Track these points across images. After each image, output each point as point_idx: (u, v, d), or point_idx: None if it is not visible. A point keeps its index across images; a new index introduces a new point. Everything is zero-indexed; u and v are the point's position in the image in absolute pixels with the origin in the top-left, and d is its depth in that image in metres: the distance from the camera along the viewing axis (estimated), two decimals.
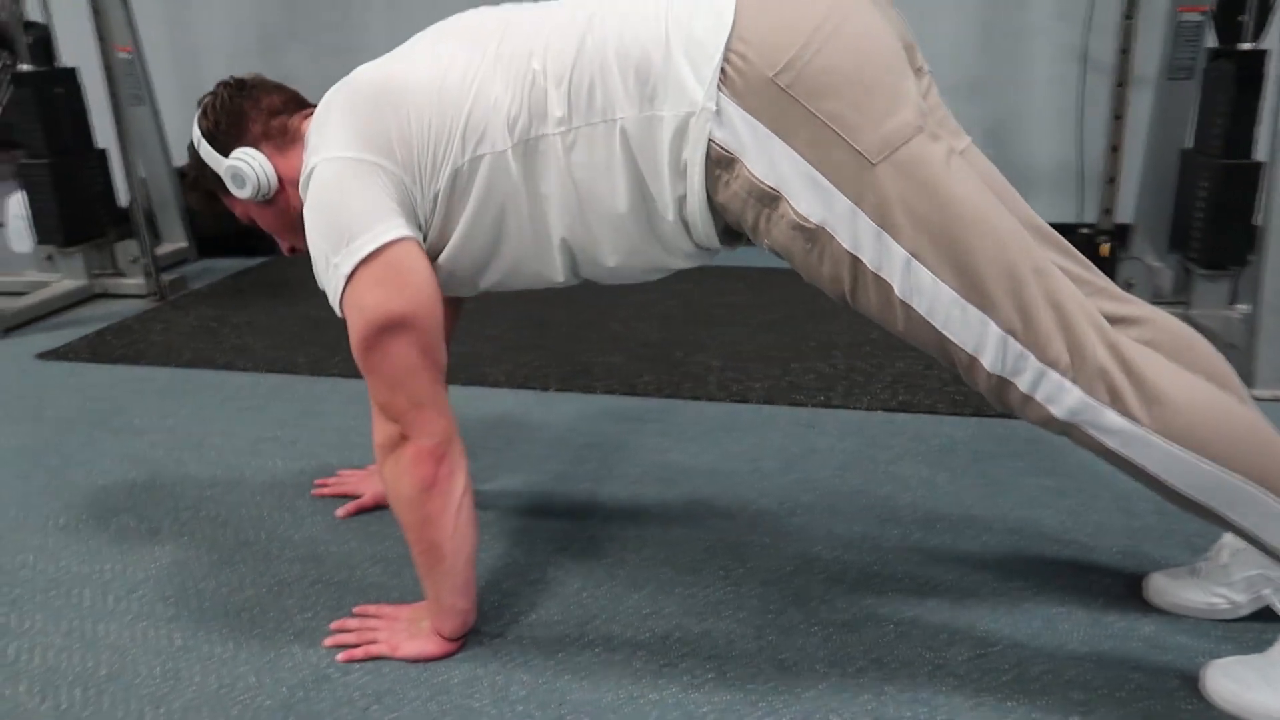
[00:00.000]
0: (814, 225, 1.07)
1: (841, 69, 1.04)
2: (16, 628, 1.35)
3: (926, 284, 1.06)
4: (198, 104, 1.35)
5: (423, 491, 1.19)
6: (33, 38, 2.82)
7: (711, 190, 1.11)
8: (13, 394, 2.23)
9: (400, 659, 1.26)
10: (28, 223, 3.05)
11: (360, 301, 1.15)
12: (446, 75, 1.17)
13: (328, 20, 3.71)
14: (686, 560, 1.47)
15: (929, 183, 1.05)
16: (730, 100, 1.06)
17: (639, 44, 1.09)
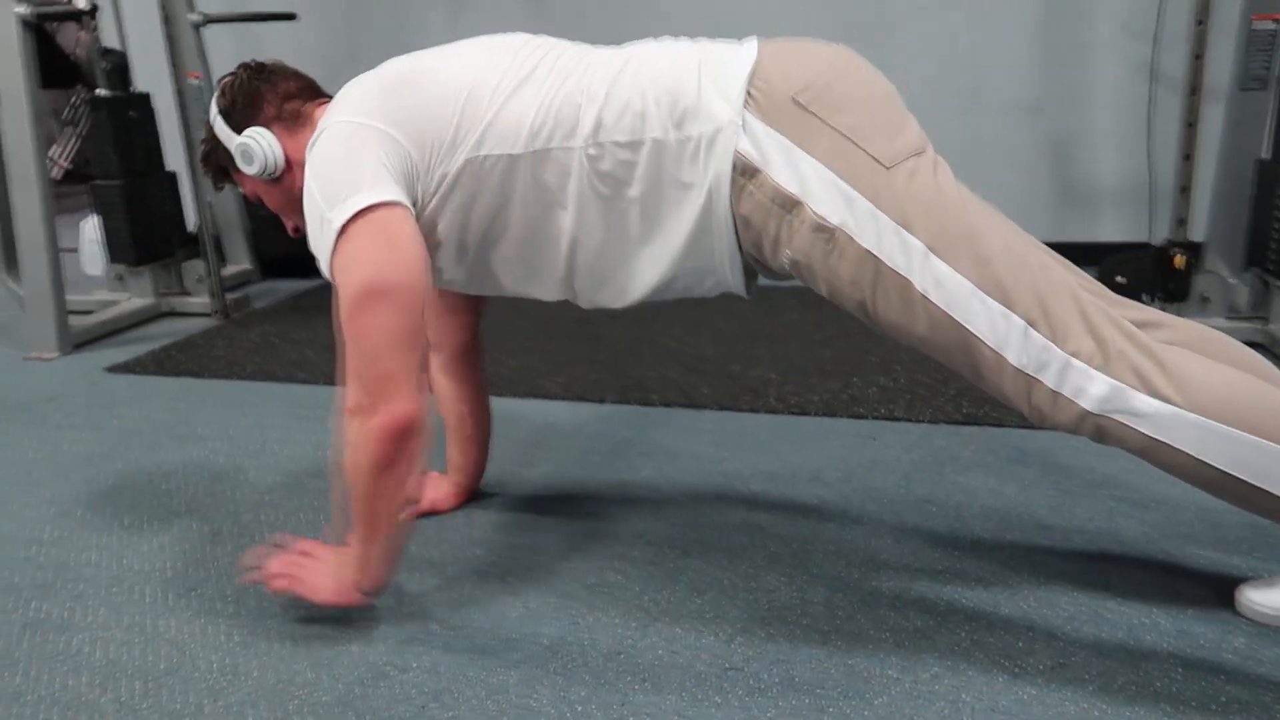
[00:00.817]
0: (834, 225, 1.12)
1: (854, 94, 1.16)
2: (80, 622, 1.36)
3: (946, 276, 1.09)
4: (217, 83, 1.39)
5: (381, 467, 1.18)
6: (110, 64, 2.92)
7: (735, 202, 1.16)
8: (82, 404, 2.27)
9: (314, 602, 1.30)
10: (100, 246, 3.14)
11: (351, 262, 1.14)
12: (480, 77, 1.22)
13: (388, 47, 3.78)
14: (749, 566, 1.43)
15: (940, 186, 1.13)
16: (754, 117, 1.14)
17: (674, 76, 1.18)
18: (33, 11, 2.55)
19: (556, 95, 1.20)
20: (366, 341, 1.15)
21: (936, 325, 1.12)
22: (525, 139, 1.19)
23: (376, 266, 1.14)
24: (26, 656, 1.28)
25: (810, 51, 1.20)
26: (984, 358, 1.11)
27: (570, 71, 1.21)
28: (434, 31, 3.73)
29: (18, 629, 1.34)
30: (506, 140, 1.20)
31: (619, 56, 1.23)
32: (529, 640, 1.27)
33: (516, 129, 1.19)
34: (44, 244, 2.67)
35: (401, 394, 1.16)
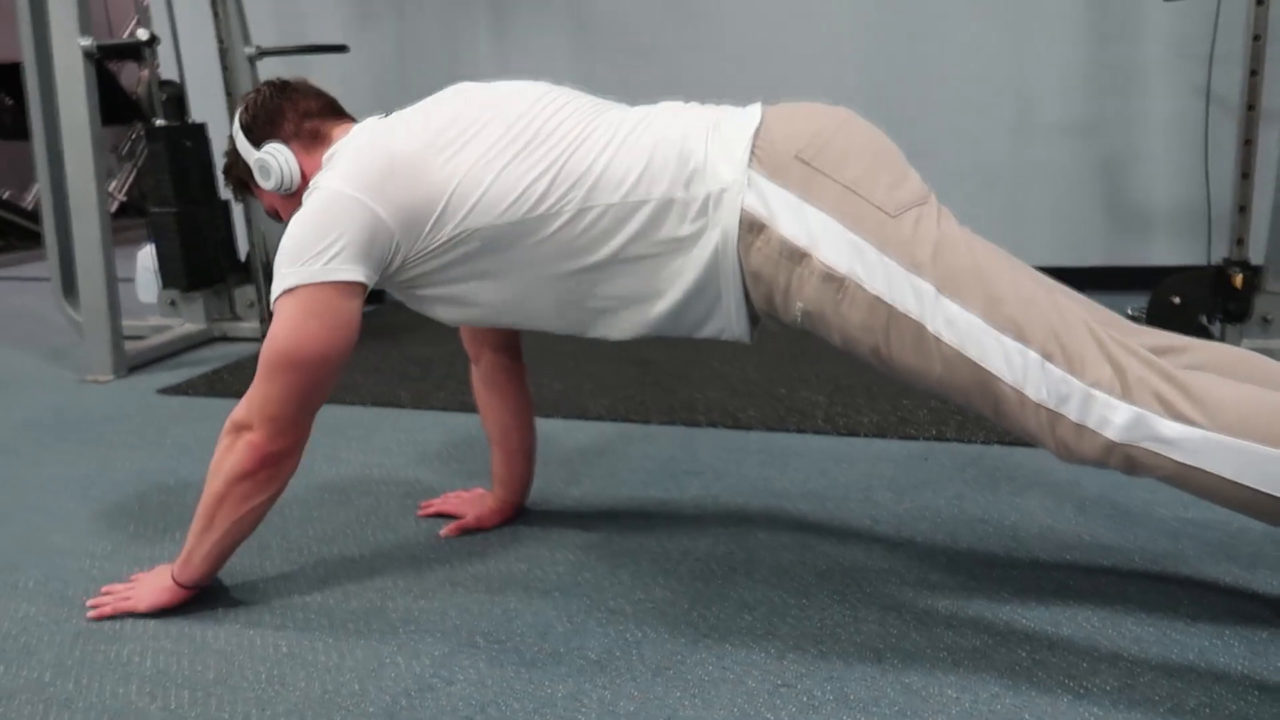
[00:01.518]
0: (843, 273, 1.13)
1: (856, 148, 1.19)
2: (130, 632, 1.37)
3: (957, 315, 1.10)
4: (241, 98, 1.42)
5: (236, 476, 1.29)
6: (167, 95, 3.00)
7: (744, 258, 1.18)
8: (135, 424, 2.31)
9: (141, 611, 1.39)
10: (154, 275, 3.22)
11: (282, 321, 1.24)
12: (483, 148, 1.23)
13: (437, 76, 3.85)
14: (799, 584, 1.40)
15: (945, 230, 1.14)
16: (760, 174, 1.17)
17: (682, 139, 1.21)
18: (96, 45, 2.64)
19: (557, 161, 1.21)
20: (273, 390, 1.26)
21: (952, 366, 1.11)
22: (520, 207, 1.21)
23: (301, 337, 1.24)
24: (78, 665, 1.29)
25: (812, 112, 1.23)
26: (1003, 395, 1.10)
27: (577, 136, 1.23)
28: (482, 63, 3.79)
29: (70, 638, 1.35)
30: (498, 208, 1.22)
31: (628, 120, 1.25)
32: (575, 654, 1.25)
33: (508, 195, 1.21)
34: (102, 272, 2.73)
35: (284, 433, 1.28)
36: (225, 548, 1.37)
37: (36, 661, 1.30)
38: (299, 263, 1.23)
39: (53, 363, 2.94)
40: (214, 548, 1.36)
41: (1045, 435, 1.10)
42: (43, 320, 3.51)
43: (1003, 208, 3.33)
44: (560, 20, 3.67)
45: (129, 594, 1.43)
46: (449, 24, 3.80)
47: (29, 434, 2.26)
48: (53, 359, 2.98)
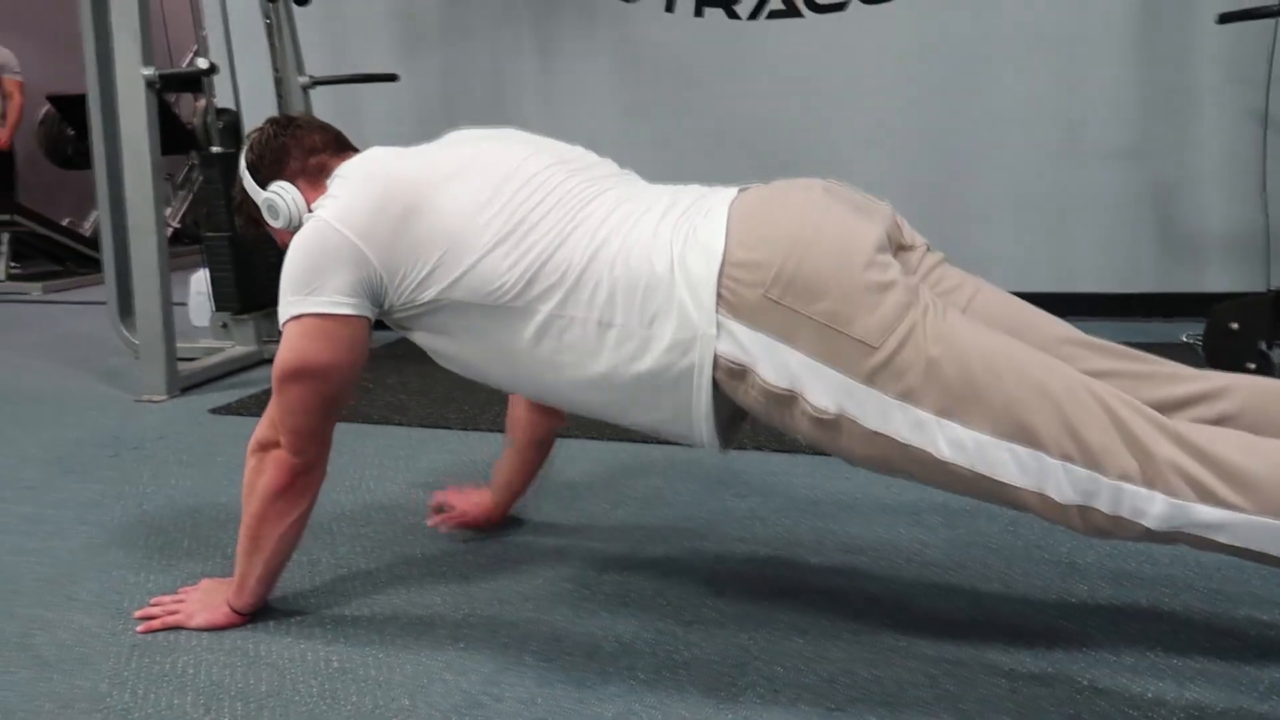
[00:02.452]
0: (833, 415, 1.10)
1: (824, 271, 1.10)
2: (184, 644, 1.38)
3: (963, 437, 1.05)
4: (245, 137, 1.44)
5: (273, 494, 1.33)
6: (224, 123, 3.08)
7: (732, 396, 1.16)
8: (187, 443, 2.35)
9: (192, 628, 1.40)
10: (207, 298, 3.28)
11: (289, 343, 1.28)
12: (471, 221, 1.23)
13: (482, 106, 3.92)
14: (849, 607, 1.39)
15: (935, 344, 1.07)
16: (732, 319, 1.12)
17: (649, 269, 1.16)
18: (158, 74, 2.72)
19: (542, 254, 1.20)
20: (289, 403, 1.30)
21: (966, 481, 1.09)
22: (497, 293, 1.22)
23: (313, 355, 1.27)
24: (135, 676, 1.31)
25: (778, 223, 1.15)
26: (1027, 501, 1.07)
27: (560, 232, 1.21)
28: (527, 92, 3.85)
29: (126, 650, 1.37)
30: (479, 290, 1.23)
31: (609, 220, 1.22)
32: (625, 674, 1.25)
33: (490, 282, 1.22)
34: (158, 295, 2.79)
35: (308, 444, 1.32)
36: (275, 566, 1.40)
37: (93, 672, 1.32)
38: (300, 293, 1.26)
39: (108, 383, 3.00)
40: (265, 568, 1.39)
41: (1076, 525, 1.06)
42: (99, 342, 3.59)
43: (1049, 234, 3.30)
44: (605, 48, 3.71)
45: (177, 608, 1.45)
46: (495, 52, 3.87)
47: (86, 451, 2.31)
48: (108, 379, 3.05)
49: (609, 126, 3.77)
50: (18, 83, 5.67)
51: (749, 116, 3.58)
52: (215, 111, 3.09)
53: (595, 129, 3.77)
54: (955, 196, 3.39)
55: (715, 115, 3.62)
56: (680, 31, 3.61)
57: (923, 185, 3.41)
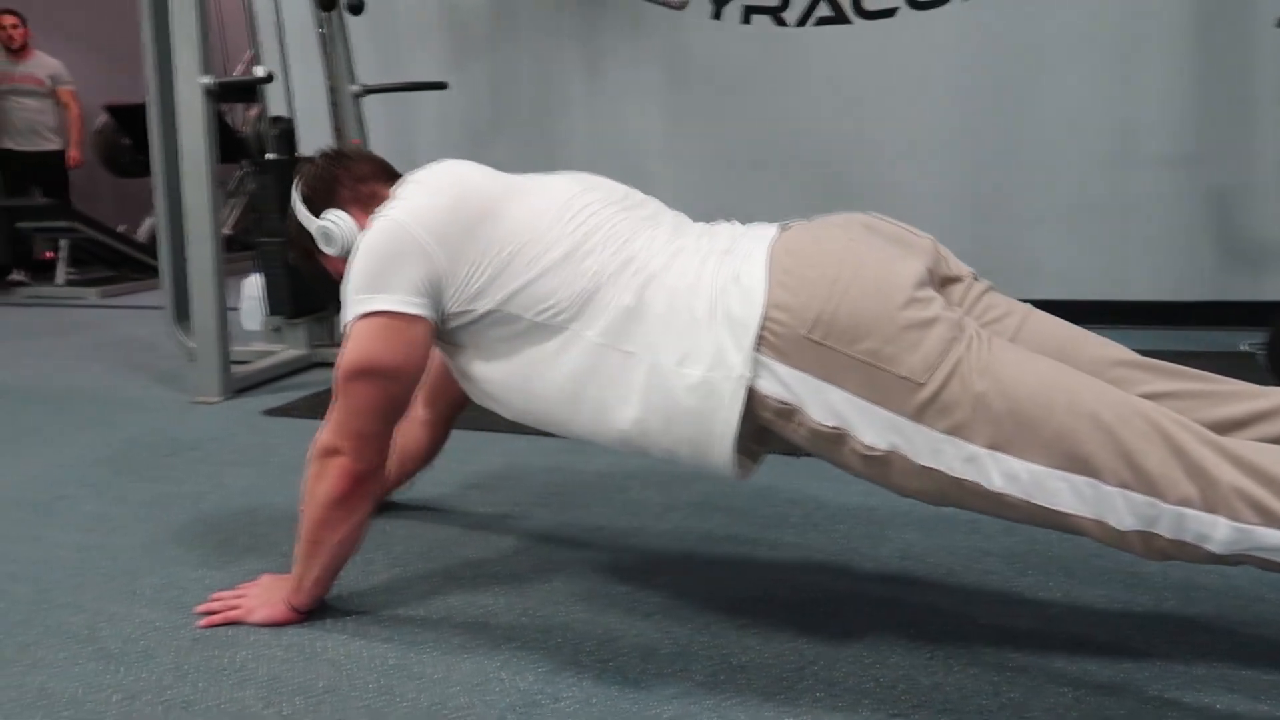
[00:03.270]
0: (883, 452, 1.10)
1: (864, 311, 1.10)
2: (244, 639, 1.40)
3: (1018, 470, 1.05)
4: (296, 172, 1.47)
5: (334, 500, 1.33)
6: (278, 130, 3.13)
7: (779, 433, 1.19)
8: (242, 444, 2.39)
9: (251, 623, 1.42)
10: (259, 303, 3.34)
11: (356, 341, 1.28)
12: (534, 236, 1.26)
13: (529, 115, 3.95)
14: (906, 614, 1.37)
15: (981, 378, 1.07)
16: (774, 359, 1.13)
17: (688, 308, 1.18)
18: (215, 82, 2.77)
19: (592, 284, 1.23)
20: (355, 404, 1.30)
21: (1023, 511, 1.08)
22: (549, 311, 1.24)
23: (378, 354, 1.27)
24: (196, 669, 1.33)
25: (818, 264, 1.15)
26: (1086, 528, 1.06)
27: (609, 265, 1.24)
28: (574, 100, 3.87)
29: (187, 644, 1.39)
30: (533, 307, 1.25)
31: (657, 257, 1.24)
32: (681, 677, 1.24)
33: (545, 299, 1.24)
34: (214, 298, 2.85)
35: (370, 449, 1.32)
36: (333, 568, 1.42)
37: (156, 665, 1.34)
38: (367, 291, 1.27)
39: (164, 385, 3.06)
40: (323, 570, 1.41)
41: (1141, 550, 1.05)
42: (154, 346, 3.67)
43: (1102, 241, 3.25)
44: (651, 56, 3.73)
45: (237, 604, 1.47)
46: (542, 61, 3.90)
47: (144, 451, 2.35)
48: (164, 382, 3.11)
49: (655, 135, 3.78)
50: (71, 92, 5.81)
51: (796, 125, 3.57)
52: (270, 119, 3.14)
53: (641, 137, 3.79)
54: (1005, 204, 3.35)
55: (761, 124, 3.62)
56: (727, 39, 3.61)
57: (972, 193, 3.37)
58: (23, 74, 5.63)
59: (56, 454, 2.35)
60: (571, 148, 3.91)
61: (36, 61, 5.69)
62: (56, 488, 2.10)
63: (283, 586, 1.45)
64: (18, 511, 1.97)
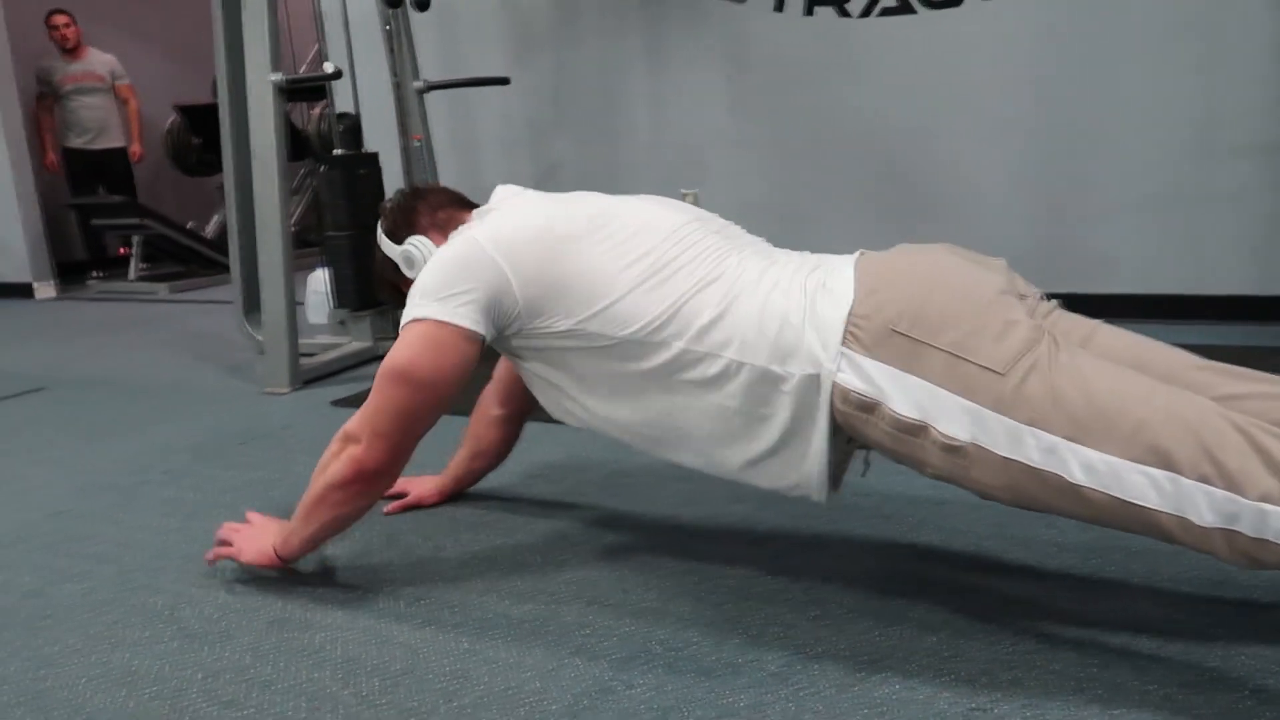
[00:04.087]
0: (963, 442, 1.11)
1: (951, 307, 1.15)
2: (319, 621, 1.43)
3: (1096, 460, 1.05)
4: (379, 210, 1.53)
5: (334, 484, 1.39)
6: (345, 126, 3.18)
7: (859, 433, 1.19)
8: (311, 433, 2.44)
9: (241, 562, 1.53)
10: (325, 296, 3.40)
11: (406, 342, 1.33)
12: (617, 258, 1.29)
13: (592, 109, 3.96)
14: (982, 608, 1.34)
15: (1060, 375, 1.09)
16: (859, 354, 1.16)
17: (784, 312, 1.22)
18: (285, 79, 2.83)
19: (683, 297, 1.26)
20: (384, 402, 1.35)
21: (1101, 508, 1.07)
22: (639, 332, 1.27)
23: (417, 359, 1.32)
24: (274, 649, 1.35)
25: (904, 272, 1.21)
26: (1165, 525, 1.05)
27: (703, 278, 1.27)
28: (636, 97, 3.87)
29: (264, 625, 1.42)
30: (617, 326, 1.28)
31: (746, 274, 1.27)
32: (754, 666, 1.23)
33: (629, 319, 1.27)
34: (283, 292, 2.90)
35: (384, 449, 1.36)
36: (319, 540, 1.50)
37: (236, 645, 1.37)
38: (432, 298, 1.31)
39: (234, 377, 3.13)
40: (309, 539, 1.48)
41: (1220, 551, 1.04)
42: (223, 339, 3.76)
43: (1179, 234, 3.15)
44: (714, 49, 3.71)
45: (230, 539, 1.56)
46: (604, 55, 3.90)
47: (218, 440, 2.41)
48: (234, 373, 3.18)
49: (717, 128, 3.76)
50: (130, 87, 5.90)
51: (861, 118, 3.52)
52: (337, 116, 3.20)
53: (702, 131, 3.78)
54: (1079, 197, 3.27)
55: (824, 117, 3.58)
56: (790, 31, 3.57)
57: (1043, 184, 3.30)
58: (82, 72, 5.69)
59: (137, 442, 2.42)
60: (633, 141, 3.91)
61: (93, 59, 5.75)
62: (138, 474, 2.16)
63: (272, 533, 1.52)
64: (102, 496, 2.03)
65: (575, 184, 1.59)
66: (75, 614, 1.49)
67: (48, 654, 1.38)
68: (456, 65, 4.00)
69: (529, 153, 4.09)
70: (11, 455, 2.37)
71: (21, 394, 3.05)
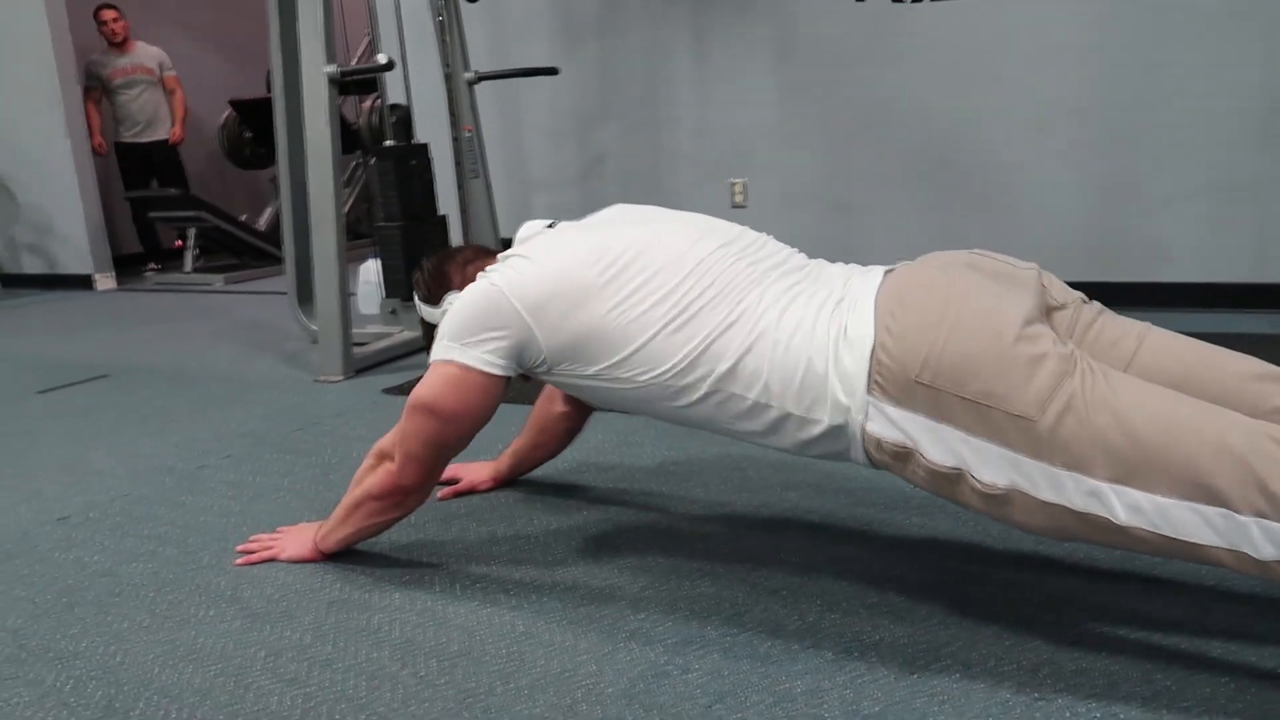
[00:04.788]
0: (1004, 489, 1.08)
1: (972, 352, 1.09)
2: (378, 603, 1.45)
3: (1143, 503, 1.01)
4: (413, 282, 1.58)
5: (369, 494, 1.48)
6: (396, 117, 3.21)
7: (899, 474, 1.19)
8: (365, 419, 2.47)
9: (282, 560, 1.60)
10: (377, 286, 3.44)
11: (430, 381, 1.38)
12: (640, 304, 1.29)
13: (637, 98, 3.95)
14: (1042, 598, 1.32)
15: (1098, 411, 1.03)
16: (886, 404, 1.14)
17: (805, 359, 1.20)
18: (339, 70, 2.86)
19: (707, 338, 1.25)
20: (413, 430, 1.41)
21: (1153, 544, 1.03)
22: (659, 373, 1.28)
23: (442, 398, 1.37)
24: (334, 629, 1.38)
25: (920, 306, 1.16)
26: (1223, 559, 1.01)
27: (727, 317, 1.26)
28: (682, 86, 3.86)
29: (324, 606, 1.45)
30: (642, 370, 1.29)
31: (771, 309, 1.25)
32: (811, 653, 1.23)
33: (654, 363, 1.28)
34: (336, 280, 2.94)
35: (414, 470, 1.43)
36: (353, 540, 1.59)
37: (297, 625, 1.40)
38: (458, 341, 1.35)
39: (288, 365, 3.19)
40: (345, 538, 1.57)
41: None
42: (276, 328, 3.82)
43: (1244, 220, 3.07)
44: (761, 37, 3.68)
45: (273, 544, 1.64)
46: (651, 45, 3.89)
47: (274, 426, 2.45)
48: (288, 362, 3.23)
49: (764, 117, 3.74)
50: (176, 78, 5.97)
51: (910, 104, 3.48)
52: (389, 106, 3.23)
53: (749, 118, 3.75)
54: (1135, 183, 3.19)
55: (873, 102, 3.54)
56: (838, 17, 3.54)
57: (1097, 170, 3.23)
58: (131, 65, 5.77)
59: (198, 428, 2.47)
60: (679, 130, 3.90)
61: (141, 52, 5.83)
62: (199, 458, 2.21)
63: (313, 531, 1.61)
64: (166, 479, 2.08)
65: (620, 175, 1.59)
66: (143, 592, 1.53)
67: (118, 630, 1.41)
68: (504, 57, 4.02)
69: (575, 143, 4.09)
70: (77, 439, 2.44)
71: (86, 381, 3.13)
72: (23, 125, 5.50)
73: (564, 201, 4.07)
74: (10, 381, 3.20)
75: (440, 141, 3.40)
